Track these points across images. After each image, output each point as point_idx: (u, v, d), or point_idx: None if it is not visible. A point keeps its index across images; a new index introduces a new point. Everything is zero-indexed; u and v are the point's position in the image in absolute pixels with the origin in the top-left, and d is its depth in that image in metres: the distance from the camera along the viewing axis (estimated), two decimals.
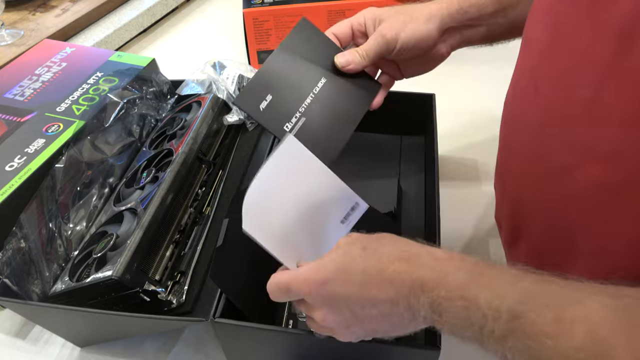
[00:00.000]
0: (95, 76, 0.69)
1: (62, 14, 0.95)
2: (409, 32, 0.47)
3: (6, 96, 0.65)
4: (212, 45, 1.02)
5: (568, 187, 0.33)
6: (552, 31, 0.34)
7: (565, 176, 0.33)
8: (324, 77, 0.50)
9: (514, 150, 0.41)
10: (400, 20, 0.47)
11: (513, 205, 0.42)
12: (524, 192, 0.39)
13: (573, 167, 0.32)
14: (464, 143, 0.74)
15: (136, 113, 0.64)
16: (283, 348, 0.45)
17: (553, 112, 0.34)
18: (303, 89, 0.48)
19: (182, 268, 0.51)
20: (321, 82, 0.49)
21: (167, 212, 0.52)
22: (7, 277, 0.46)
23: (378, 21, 0.48)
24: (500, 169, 0.45)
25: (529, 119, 0.37)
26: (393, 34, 0.47)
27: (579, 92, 0.31)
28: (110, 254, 0.47)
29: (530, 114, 0.37)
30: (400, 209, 0.61)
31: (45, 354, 0.52)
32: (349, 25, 0.50)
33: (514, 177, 0.41)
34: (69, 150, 0.56)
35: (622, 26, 0.28)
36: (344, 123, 0.49)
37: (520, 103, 0.39)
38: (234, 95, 0.65)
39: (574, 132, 0.32)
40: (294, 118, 0.47)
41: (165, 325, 0.49)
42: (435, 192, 0.52)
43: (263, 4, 0.85)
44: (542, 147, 0.36)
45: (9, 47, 0.86)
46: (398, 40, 0.47)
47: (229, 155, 0.65)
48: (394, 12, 0.48)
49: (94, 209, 0.56)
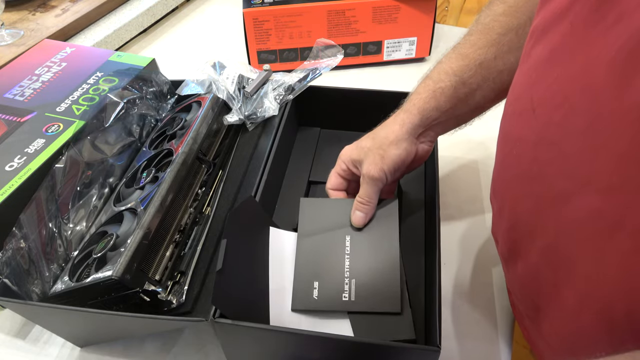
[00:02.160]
0: (95, 76, 0.69)
1: (62, 14, 0.95)
2: (389, 163, 0.49)
3: (6, 96, 0.65)
4: (212, 45, 1.02)
5: (565, 215, 0.32)
6: (550, 51, 0.34)
7: (562, 203, 0.32)
8: (348, 234, 0.52)
9: (511, 170, 0.40)
10: (377, 156, 0.49)
11: (509, 224, 0.41)
12: (521, 214, 0.39)
13: (571, 195, 0.31)
14: (464, 143, 0.74)
15: (136, 113, 0.64)
16: (283, 348, 0.45)
17: (549, 137, 0.33)
18: (338, 256, 0.50)
19: (182, 268, 0.51)
20: (348, 240, 0.51)
21: (167, 212, 0.52)
22: (7, 277, 0.46)
23: (358, 163, 0.51)
24: (497, 186, 0.44)
25: (526, 140, 0.36)
26: (378, 170, 0.49)
27: (574, 119, 0.30)
28: (110, 254, 0.47)
29: (527, 135, 0.36)
30: (401, 208, 0.61)
31: (45, 354, 0.52)
32: (337, 175, 0.54)
33: (511, 198, 0.40)
34: (69, 150, 0.56)
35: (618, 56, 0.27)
36: (388, 257, 0.50)
37: (518, 122, 0.38)
38: (234, 95, 0.65)
39: (570, 160, 0.31)
40: (346, 285, 0.48)
41: (165, 325, 0.49)
42: (435, 192, 0.52)
43: (263, 4, 0.85)
44: (539, 171, 0.35)
45: (9, 47, 0.86)
46: (386, 173, 0.50)
47: (229, 155, 0.65)
48: (367, 150, 0.50)
49: (94, 209, 0.56)
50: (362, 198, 0.51)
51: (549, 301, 0.37)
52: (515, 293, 0.45)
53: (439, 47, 0.96)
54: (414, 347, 0.41)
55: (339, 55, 0.67)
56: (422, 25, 0.89)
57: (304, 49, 0.89)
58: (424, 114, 0.49)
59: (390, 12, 0.86)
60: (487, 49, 0.47)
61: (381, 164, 0.49)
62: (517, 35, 0.46)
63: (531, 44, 0.37)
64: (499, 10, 0.48)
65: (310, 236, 0.52)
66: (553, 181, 0.33)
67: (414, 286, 0.52)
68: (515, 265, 0.41)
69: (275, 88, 0.66)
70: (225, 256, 0.42)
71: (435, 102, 0.49)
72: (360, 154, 0.51)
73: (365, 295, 0.47)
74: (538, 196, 0.35)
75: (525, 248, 0.39)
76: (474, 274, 0.58)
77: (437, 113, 0.49)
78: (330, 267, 0.50)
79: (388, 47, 0.91)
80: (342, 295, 0.47)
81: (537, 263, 0.37)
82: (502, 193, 0.42)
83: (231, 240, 0.44)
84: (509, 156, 0.40)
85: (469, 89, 0.48)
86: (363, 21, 0.87)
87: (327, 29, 0.87)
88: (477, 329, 0.53)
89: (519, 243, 0.40)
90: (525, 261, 0.39)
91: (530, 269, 0.39)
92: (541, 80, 0.34)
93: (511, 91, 0.41)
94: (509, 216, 0.41)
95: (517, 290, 0.44)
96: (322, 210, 0.54)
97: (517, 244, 0.40)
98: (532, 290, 0.40)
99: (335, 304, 0.47)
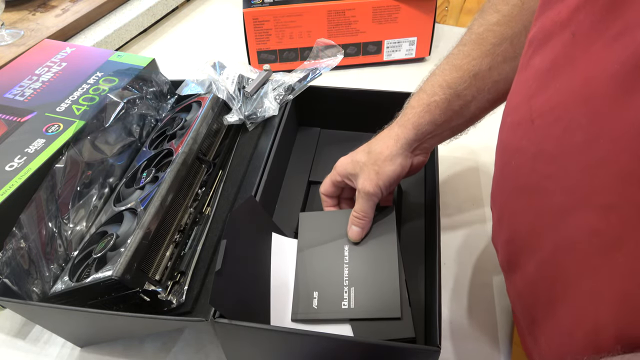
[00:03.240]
0: (95, 76, 0.69)
1: (62, 14, 0.95)
2: (385, 179, 0.49)
3: (6, 96, 0.65)
4: (212, 45, 1.02)
5: (563, 231, 0.31)
6: (551, 61, 0.33)
7: (561, 219, 0.31)
8: (346, 244, 0.52)
9: (509, 181, 0.39)
10: (372, 172, 0.49)
11: (508, 236, 0.41)
12: (520, 227, 0.38)
13: (569, 211, 0.30)
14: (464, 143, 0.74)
15: (136, 113, 0.64)
16: (283, 348, 0.45)
17: (548, 150, 0.32)
18: (337, 265, 0.51)
19: (182, 268, 0.51)
20: (346, 249, 0.52)
21: (167, 212, 0.52)
22: (7, 277, 0.46)
23: (353, 177, 0.51)
24: (496, 196, 0.44)
25: (525, 151, 0.35)
26: (374, 186, 0.49)
27: (574, 134, 0.29)
28: (110, 254, 0.47)
29: (526, 146, 0.35)
30: (401, 208, 0.61)
31: (45, 354, 0.52)
32: (332, 183, 0.55)
33: (509, 210, 0.40)
34: (69, 150, 0.56)
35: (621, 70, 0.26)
36: (387, 264, 0.50)
37: (517, 131, 0.37)
38: (234, 95, 0.65)
39: (570, 175, 0.30)
40: (345, 294, 0.48)
41: (165, 325, 0.49)
42: (435, 192, 0.53)
43: (263, 4, 0.85)
44: (538, 185, 0.34)
45: (9, 47, 0.86)
46: (381, 188, 0.50)
47: (229, 155, 0.64)
48: (363, 165, 0.50)
49: (94, 209, 0.56)
50: (358, 213, 0.51)
51: (545, 316, 0.36)
52: (515, 303, 0.45)
53: (439, 47, 0.96)
54: (414, 347, 0.41)
55: (339, 55, 0.67)
56: (422, 25, 0.89)
57: (304, 49, 0.89)
58: (419, 129, 0.49)
59: (390, 12, 0.86)
60: (481, 60, 0.46)
61: (376, 179, 0.49)
62: (512, 45, 0.45)
63: (530, 53, 0.36)
64: (493, 20, 0.46)
65: (309, 248, 0.53)
66: (552, 196, 0.32)
67: (414, 286, 0.52)
68: (514, 277, 0.41)
69: (275, 88, 0.66)
70: (224, 257, 0.42)
71: (430, 116, 0.48)
72: (356, 168, 0.51)
73: (365, 302, 0.47)
74: (537, 210, 0.35)
75: (523, 261, 0.38)
76: (474, 274, 0.58)
77: (432, 127, 0.49)
78: (330, 276, 0.50)
79: (388, 47, 0.91)
80: (342, 303, 0.48)
81: (535, 277, 0.37)
82: (501, 204, 0.42)
83: (231, 240, 0.44)
84: (507, 166, 0.39)
85: (463, 101, 0.48)
86: (363, 21, 0.87)
87: (327, 29, 0.87)
88: (477, 329, 0.53)
89: (518, 255, 0.39)
90: (523, 274, 0.39)
91: (528, 283, 0.38)
92: (541, 90, 0.33)
93: (509, 100, 0.40)
94: (507, 228, 0.41)
95: (516, 301, 0.43)
96: (321, 222, 0.55)
97: (515, 256, 0.40)
98: (529, 304, 0.39)
99: (335, 312, 0.47)
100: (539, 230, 0.35)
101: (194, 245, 0.54)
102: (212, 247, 0.54)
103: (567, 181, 0.30)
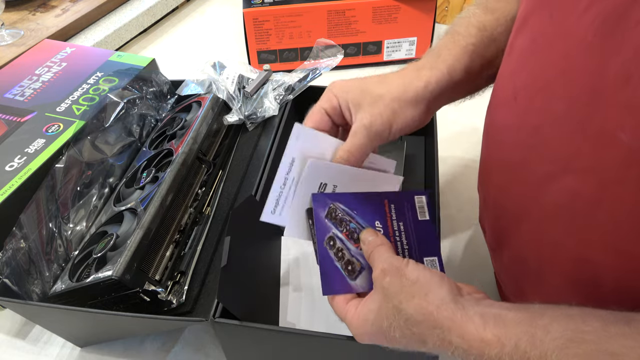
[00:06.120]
0: (95, 76, 0.69)
1: (62, 14, 0.95)
2: (401, 123, 0.40)
3: (6, 96, 0.65)
4: (212, 45, 1.02)
5: (548, 199, 0.33)
6: (531, 40, 0.34)
7: (545, 187, 0.33)
8: None
9: (494, 159, 0.40)
10: (388, 109, 0.40)
11: (495, 213, 0.41)
12: (505, 202, 0.39)
13: (552, 178, 0.32)
14: (464, 143, 0.74)
15: (136, 113, 0.64)
16: (283, 348, 0.45)
17: (530, 122, 0.33)
18: None
19: (182, 268, 0.51)
20: None
21: (167, 212, 0.52)
22: (7, 277, 0.46)
23: (355, 107, 0.41)
24: (482, 177, 0.44)
25: (509, 128, 0.36)
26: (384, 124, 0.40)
27: (554, 104, 0.31)
28: (110, 254, 0.47)
29: (509, 123, 0.36)
30: None
31: (45, 354, 0.52)
32: (324, 112, 0.43)
33: (495, 186, 0.40)
34: (69, 150, 0.56)
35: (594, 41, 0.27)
36: None
37: (501, 110, 0.38)
38: (234, 95, 0.65)
39: (551, 144, 0.32)
40: None
41: (165, 325, 0.49)
42: (435, 193, 0.52)
43: (263, 4, 0.85)
44: (521, 157, 0.35)
45: (9, 47, 0.86)
46: (391, 132, 0.41)
47: (229, 155, 0.65)
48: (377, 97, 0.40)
49: (94, 209, 0.56)
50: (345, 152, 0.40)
51: (534, 284, 0.38)
52: (502, 278, 0.46)
53: None
54: None
55: (339, 55, 0.67)
56: (422, 25, 0.89)
57: (304, 49, 0.89)
58: (453, 75, 0.41)
59: (390, 12, 0.86)
60: (516, 4, 0.41)
61: (392, 119, 0.40)
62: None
63: (513, 35, 0.37)
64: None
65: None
66: (535, 166, 0.34)
67: None
68: (502, 253, 0.42)
69: (275, 88, 0.66)
70: (229, 253, 0.42)
71: (469, 60, 0.41)
72: (364, 97, 0.40)
73: None
74: (521, 182, 0.36)
75: (510, 236, 0.39)
76: (474, 274, 0.58)
77: (464, 75, 0.42)
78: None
79: (388, 47, 0.91)
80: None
81: (522, 249, 0.38)
82: (487, 182, 0.42)
83: (234, 237, 0.44)
84: (492, 144, 0.40)
85: (496, 48, 0.42)
86: (363, 21, 0.87)
87: (327, 29, 0.87)
88: None
89: (504, 231, 0.40)
90: (510, 248, 0.40)
91: (516, 255, 0.39)
92: (523, 68, 0.35)
93: (496, 82, 0.40)
94: (494, 205, 0.41)
95: (504, 275, 0.44)
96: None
97: (502, 231, 0.41)
98: (517, 275, 0.40)
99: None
100: (524, 202, 0.36)
101: (194, 245, 0.54)
102: (212, 247, 0.54)
103: (548, 150, 0.32)
